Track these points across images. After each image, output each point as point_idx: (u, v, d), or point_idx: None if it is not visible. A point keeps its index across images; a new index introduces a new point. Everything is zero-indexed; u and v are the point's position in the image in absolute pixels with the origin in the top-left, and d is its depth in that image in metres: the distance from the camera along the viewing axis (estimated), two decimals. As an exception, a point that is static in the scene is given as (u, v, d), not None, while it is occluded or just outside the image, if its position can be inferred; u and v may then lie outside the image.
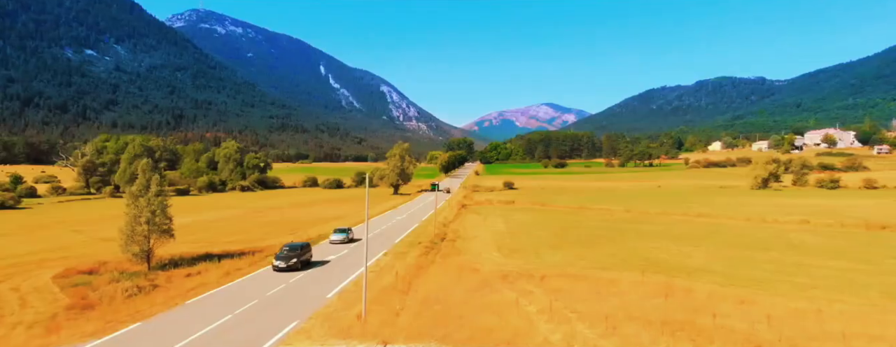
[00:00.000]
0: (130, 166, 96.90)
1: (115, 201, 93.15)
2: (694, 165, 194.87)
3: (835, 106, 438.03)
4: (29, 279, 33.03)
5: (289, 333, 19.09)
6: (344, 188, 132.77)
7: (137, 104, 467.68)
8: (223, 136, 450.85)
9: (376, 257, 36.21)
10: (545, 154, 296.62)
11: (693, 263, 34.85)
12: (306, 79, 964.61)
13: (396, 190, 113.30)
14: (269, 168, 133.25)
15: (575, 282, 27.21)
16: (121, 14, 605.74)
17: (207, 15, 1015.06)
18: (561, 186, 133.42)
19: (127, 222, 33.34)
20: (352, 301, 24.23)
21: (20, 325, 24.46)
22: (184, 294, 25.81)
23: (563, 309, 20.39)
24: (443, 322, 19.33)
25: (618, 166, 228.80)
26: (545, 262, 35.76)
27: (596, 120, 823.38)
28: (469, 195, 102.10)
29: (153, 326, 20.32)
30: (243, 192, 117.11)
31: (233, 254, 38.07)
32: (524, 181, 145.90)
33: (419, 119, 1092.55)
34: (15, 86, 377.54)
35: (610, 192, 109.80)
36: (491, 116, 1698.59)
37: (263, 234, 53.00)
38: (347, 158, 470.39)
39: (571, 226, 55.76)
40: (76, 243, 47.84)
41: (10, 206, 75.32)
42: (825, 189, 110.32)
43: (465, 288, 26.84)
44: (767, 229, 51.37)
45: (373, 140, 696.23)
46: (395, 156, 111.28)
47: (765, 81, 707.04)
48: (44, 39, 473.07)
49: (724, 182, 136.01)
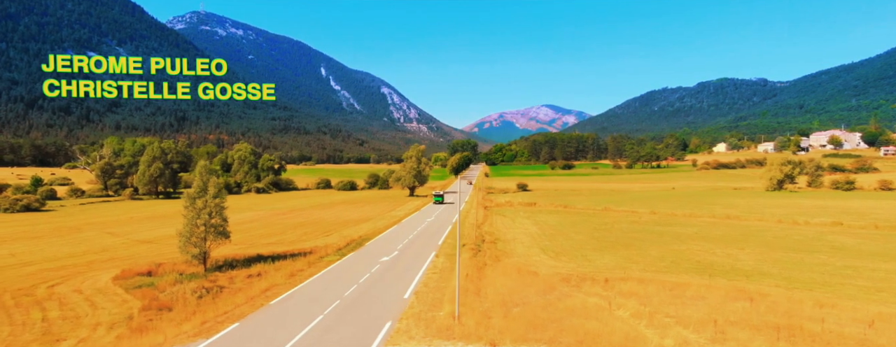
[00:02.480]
0: (149, 168, 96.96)
1: (136, 203, 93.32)
2: (704, 167, 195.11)
3: (838, 107, 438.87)
4: (86, 280, 33.17)
5: (389, 333, 19.24)
6: (358, 190, 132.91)
7: (140, 106, 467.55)
8: (226, 138, 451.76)
9: (429, 258, 36.35)
10: (550, 155, 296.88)
11: (744, 266, 34.96)
12: (307, 81, 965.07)
13: (412, 192, 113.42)
14: (283, 170, 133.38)
15: (643, 286, 27.31)
16: (122, 16, 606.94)
17: (208, 17, 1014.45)
18: (573, 188, 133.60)
19: (185, 224, 33.53)
20: (431, 301, 24.39)
21: (100, 326, 24.64)
22: (262, 295, 25.98)
23: (656, 314, 20.51)
24: (539, 324, 19.46)
25: (625, 167, 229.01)
26: (596, 265, 35.90)
27: (597, 121, 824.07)
28: (488, 197, 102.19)
29: (252, 326, 20.46)
30: (259, 194, 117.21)
31: (284, 256, 38.23)
32: (535, 182, 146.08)
33: (420, 120, 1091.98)
34: (18, 89, 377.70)
35: (625, 194, 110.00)
36: (491, 118, 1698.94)
37: (299, 236, 53.15)
38: (350, 160, 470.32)
39: (603, 228, 55.90)
40: (115, 245, 47.97)
41: (35, 208, 75.39)
42: (841, 190, 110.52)
43: (533, 290, 26.97)
44: (802, 231, 51.51)
45: (374, 142, 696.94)
46: (412, 159, 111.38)
47: (766, 83, 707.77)
48: (46, 42, 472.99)
49: (737, 183, 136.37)
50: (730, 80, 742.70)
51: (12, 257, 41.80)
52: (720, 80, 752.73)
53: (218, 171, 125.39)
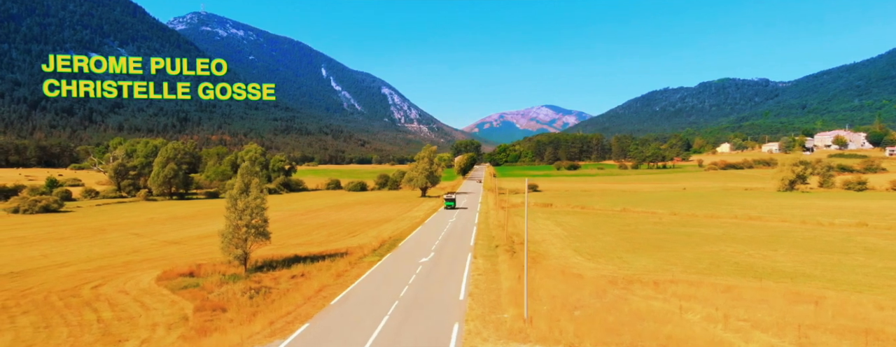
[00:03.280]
0: (163, 169, 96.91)
1: (151, 204, 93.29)
2: (711, 167, 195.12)
3: (841, 107, 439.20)
4: (128, 281, 33.17)
5: (461, 334, 19.21)
6: (368, 190, 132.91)
7: (142, 107, 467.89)
8: (229, 139, 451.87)
9: (467, 260, 36.33)
10: (554, 156, 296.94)
11: (784, 268, 34.94)
12: (308, 82, 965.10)
13: (424, 193, 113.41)
14: (293, 171, 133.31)
15: (694, 289, 27.30)
16: (123, 17, 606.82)
17: (208, 17, 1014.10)
18: (583, 188, 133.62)
19: (227, 225, 33.52)
20: (488, 303, 24.36)
21: (157, 326, 24.60)
22: (317, 295, 26.08)
23: (729, 317, 20.48)
24: (612, 328, 19.37)
25: (631, 168, 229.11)
26: (635, 267, 35.87)
27: (599, 121, 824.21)
28: (501, 197, 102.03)
29: (323, 326, 20.47)
30: (270, 195, 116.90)
31: (319, 257, 38.37)
32: (544, 183, 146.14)
33: (421, 121, 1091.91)
34: (21, 90, 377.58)
35: (637, 194, 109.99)
36: (491, 118, 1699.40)
37: (326, 237, 53.19)
38: (352, 161, 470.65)
39: (627, 230, 55.88)
40: (145, 246, 47.98)
41: (53, 209, 75.34)
42: (852, 191, 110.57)
43: (585, 293, 26.93)
44: (829, 232, 51.49)
45: (375, 142, 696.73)
46: (424, 159, 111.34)
47: (768, 83, 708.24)
48: (48, 43, 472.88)
49: (747, 184, 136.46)
50: (731, 80, 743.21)
51: (45, 258, 41.77)
52: (722, 80, 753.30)
53: (228, 172, 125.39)
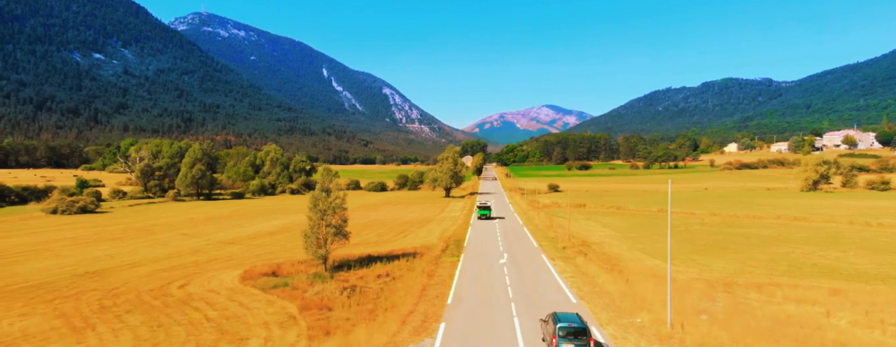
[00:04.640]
0: (191, 170, 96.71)
1: (181, 204, 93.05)
2: (726, 167, 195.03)
3: (846, 107, 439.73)
4: (211, 281, 33.04)
5: (606, 340, 19.11)
6: (388, 190, 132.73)
7: (147, 107, 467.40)
8: (233, 139, 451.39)
9: (545, 261, 36.17)
10: (563, 156, 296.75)
11: (866, 269, 34.74)
12: (309, 82, 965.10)
13: (448, 193, 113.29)
14: (314, 171, 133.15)
15: (802, 292, 27.16)
16: (126, 18, 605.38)
17: (210, 18, 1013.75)
18: (603, 189, 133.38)
19: (310, 225, 33.47)
20: (606, 306, 24.24)
21: (270, 325, 24.39)
22: (426, 294, 26.20)
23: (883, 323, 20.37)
24: (763, 335, 19.23)
25: (643, 168, 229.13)
26: (716, 269, 35.59)
27: (600, 121, 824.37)
28: (527, 198, 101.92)
29: (459, 326, 20.46)
30: (293, 195, 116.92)
31: (390, 256, 38.53)
32: (562, 183, 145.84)
33: (422, 121, 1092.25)
34: (27, 90, 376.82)
35: (661, 194, 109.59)
36: (492, 118, 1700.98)
37: (377, 237, 53.19)
38: (356, 161, 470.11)
39: (676, 230, 55.53)
40: (202, 247, 47.84)
41: (90, 210, 75.15)
42: (877, 190, 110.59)
43: (693, 296, 26.69)
44: (881, 233, 51.39)
45: (378, 143, 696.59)
46: (448, 160, 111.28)
47: (772, 83, 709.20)
48: (53, 43, 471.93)
49: (767, 184, 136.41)
50: (734, 80, 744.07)
51: (111, 258, 41.60)
52: (725, 80, 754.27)
53: (249, 173, 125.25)
